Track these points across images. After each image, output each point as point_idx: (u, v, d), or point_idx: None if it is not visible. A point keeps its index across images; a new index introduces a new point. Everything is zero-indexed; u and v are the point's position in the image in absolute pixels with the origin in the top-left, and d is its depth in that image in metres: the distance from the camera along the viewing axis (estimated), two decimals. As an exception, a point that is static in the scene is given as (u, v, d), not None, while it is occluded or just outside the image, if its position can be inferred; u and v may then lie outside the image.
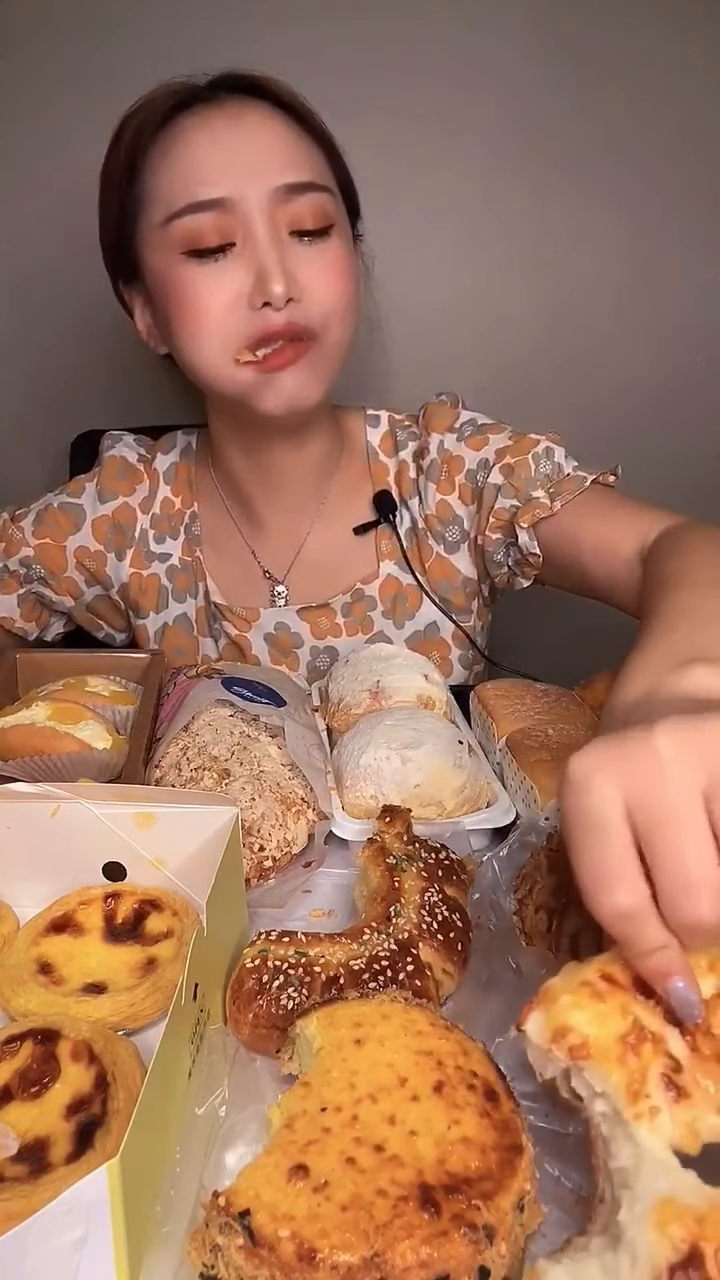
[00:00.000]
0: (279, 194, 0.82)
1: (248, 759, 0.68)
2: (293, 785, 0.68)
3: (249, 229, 0.82)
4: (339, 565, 1.03)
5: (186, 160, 0.82)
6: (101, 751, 0.70)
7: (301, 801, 0.67)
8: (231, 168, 0.81)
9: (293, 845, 0.65)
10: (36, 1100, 0.45)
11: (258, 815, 0.65)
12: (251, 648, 1.03)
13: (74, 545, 1.03)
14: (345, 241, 0.88)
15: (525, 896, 0.58)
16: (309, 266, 0.84)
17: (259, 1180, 0.36)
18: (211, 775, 0.67)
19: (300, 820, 0.66)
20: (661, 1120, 0.38)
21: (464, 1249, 0.34)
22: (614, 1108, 0.39)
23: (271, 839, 0.64)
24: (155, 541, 1.05)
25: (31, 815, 0.57)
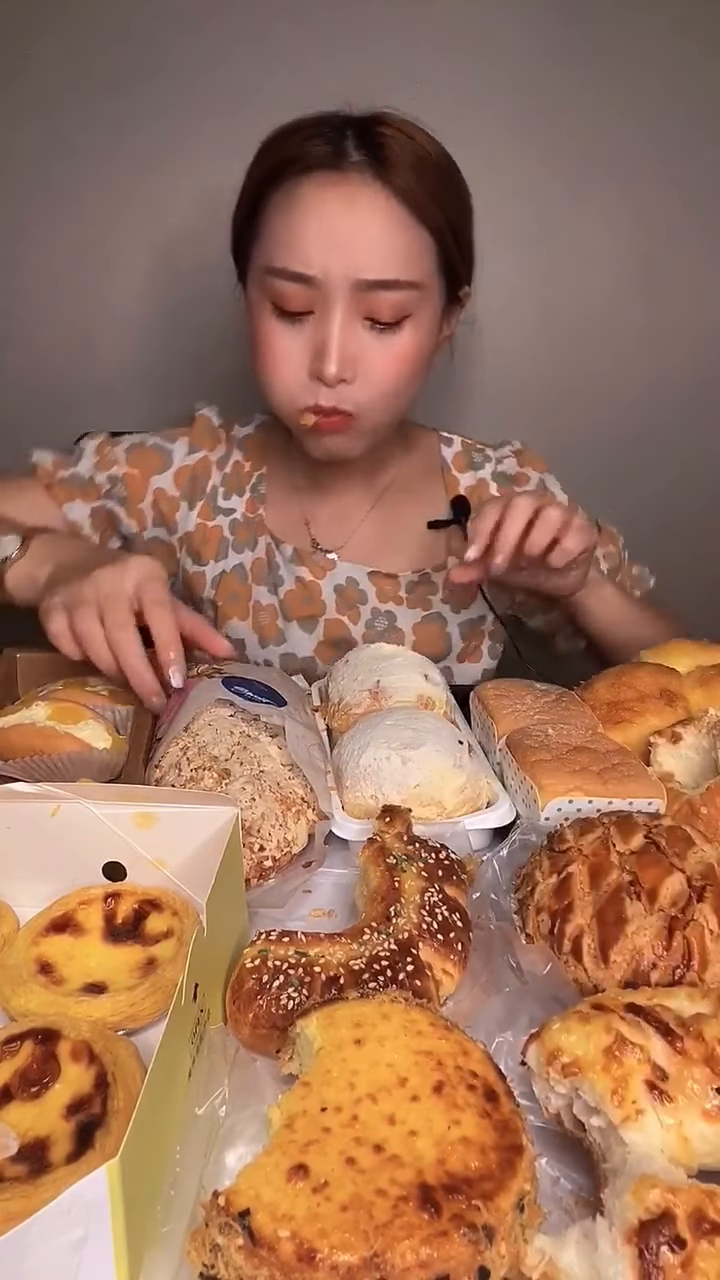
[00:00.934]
0: (362, 285, 0.88)
1: (248, 759, 0.68)
2: (293, 785, 0.67)
3: (327, 305, 0.89)
4: (405, 541, 1.13)
5: (296, 229, 0.88)
6: (101, 751, 0.70)
7: (301, 801, 0.67)
8: (328, 250, 0.87)
9: (293, 845, 0.65)
10: (36, 1100, 0.45)
11: (258, 815, 0.64)
12: (321, 594, 1.11)
13: (155, 484, 1.10)
14: (418, 333, 0.93)
15: (525, 897, 0.58)
16: (372, 353, 0.91)
17: (259, 1180, 0.36)
18: (211, 775, 0.67)
19: (300, 820, 0.66)
20: (647, 1121, 0.40)
21: (464, 1249, 0.34)
22: (606, 1117, 0.40)
23: (271, 839, 0.64)
24: (223, 498, 1.12)
25: (31, 815, 0.56)
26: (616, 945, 0.52)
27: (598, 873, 0.55)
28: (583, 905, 0.54)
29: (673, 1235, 0.34)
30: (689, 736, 0.74)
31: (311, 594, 1.10)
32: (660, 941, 0.51)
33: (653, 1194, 0.36)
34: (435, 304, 0.95)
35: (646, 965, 0.51)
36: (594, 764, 0.69)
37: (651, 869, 0.54)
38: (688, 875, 0.54)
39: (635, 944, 0.52)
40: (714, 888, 0.53)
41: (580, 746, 0.72)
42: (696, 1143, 0.40)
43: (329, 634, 1.11)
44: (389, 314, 0.90)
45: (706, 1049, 0.42)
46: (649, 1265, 0.34)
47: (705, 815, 0.65)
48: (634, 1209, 0.35)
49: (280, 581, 1.11)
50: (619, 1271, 0.34)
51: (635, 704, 0.80)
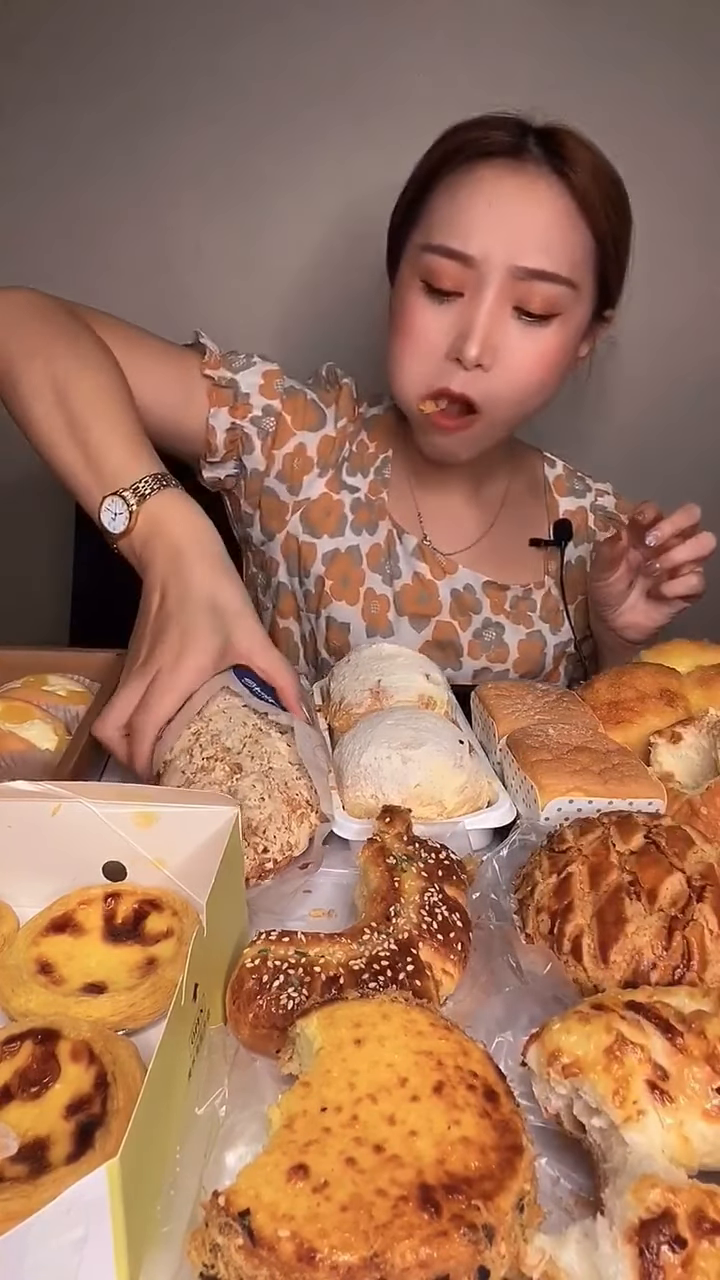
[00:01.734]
0: (519, 271, 0.88)
1: (259, 754, 0.67)
2: (299, 786, 0.67)
3: (479, 288, 0.89)
4: (518, 556, 1.14)
5: (464, 207, 0.89)
6: (44, 752, 0.72)
7: (306, 804, 0.66)
8: (494, 231, 0.87)
9: (294, 848, 0.65)
10: (36, 1100, 0.45)
11: (265, 816, 0.64)
12: (438, 594, 1.10)
13: (301, 439, 1.07)
14: (565, 334, 0.93)
15: (525, 897, 0.58)
16: (514, 345, 0.90)
17: (259, 1180, 0.36)
18: (224, 768, 0.66)
19: (304, 824, 0.66)
20: (648, 1122, 0.40)
21: (464, 1249, 0.34)
22: (607, 1118, 0.40)
23: (276, 841, 0.63)
24: (348, 473, 1.11)
25: (31, 815, 0.56)
26: (616, 945, 0.52)
27: (598, 873, 0.55)
28: (583, 905, 0.54)
29: (673, 1235, 0.34)
30: (689, 736, 0.74)
31: (429, 592, 1.10)
32: (660, 941, 0.51)
33: (653, 1193, 0.36)
34: (585, 311, 0.95)
35: (646, 965, 0.51)
36: (594, 764, 0.69)
37: (651, 869, 0.54)
38: (688, 875, 0.54)
39: (635, 944, 0.52)
40: (714, 888, 0.53)
41: (580, 746, 0.72)
42: (697, 1142, 0.40)
43: (439, 635, 1.10)
44: (539, 307, 0.89)
45: (707, 1047, 0.42)
46: (649, 1264, 0.34)
47: (705, 815, 0.65)
48: (634, 1208, 0.35)
49: (398, 574, 1.09)
50: (619, 1271, 0.34)
51: (635, 704, 0.80)
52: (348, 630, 1.09)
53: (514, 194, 0.88)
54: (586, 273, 0.92)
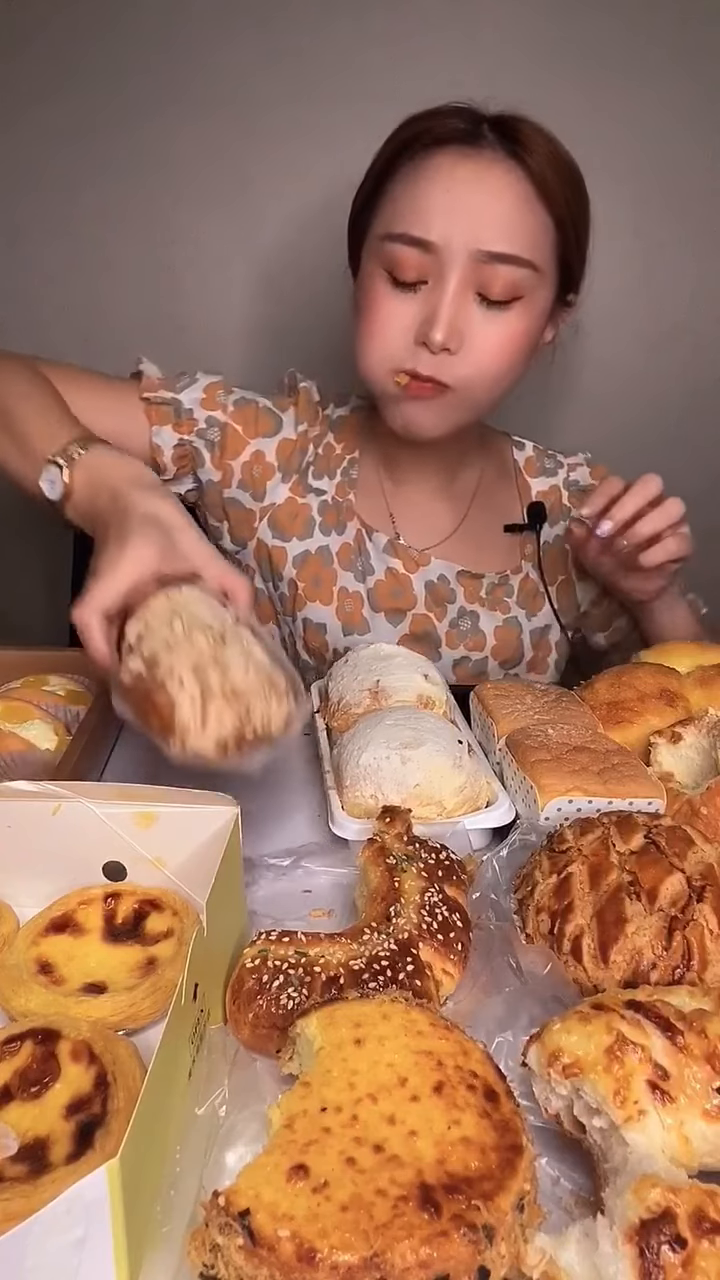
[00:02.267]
0: (480, 255, 0.88)
1: (238, 638, 0.64)
2: (278, 675, 0.64)
3: (441, 274, 0.89)
4: (492, 545, 1.13)
5: (422, 194, 0.89)
6: (44, 751, 0.71)
7: (285, 690, 0.64)
8: (450, 216, 0.88)
9: (270, 725, 0.62)
10: (36, 1100, 0.45)
11: (248, 685, 0.61)
12: (412, 587, 1.10)
13: (257, 446, 1.07)
14: (528, 318, 0.93)
15: (525, 897, 0.58)
16: (479, 330, 0.91)
17: (259, 1180, 0.36)
18: (206, 638, 0.62)
19: (282, 705, 0.63)
20: (649, 1122, 0.40)
21: (464, 1249, 0.34)
22: (608, 1118, 0.40)
23: (256, 710, 0.61)
24: (314, 477, 1.11)
25: (31, 815, 0.56)
26: (616, 945, 0.52)
27: (598, 873, 0.55)
28: (583, 905, 0.54)
29: (673, 1234, 0.34)
30: (689, 736, 0.74)
31: (403, 586, 1.10)
32: (660, 941, 0.51)
33: (653, 1193, 0.36)
34: (547, 294, 0.95)
35: (646, 965, 0.51)
36: (594, 764, 0.69)
37: (651, 869, 0.54)
38: (688, 875, 0.54)
39: (635, 944, 0.52)
40: (714, 888, 0.53)
41: (580, 746, 0.72)
42: (697, 1142, 0.40)
43: (415, 628, 1.10)
44: (502, 291, 0.90)
45: (708, 1046, 0.42)
46: (649, 1264, 0.34)
47: (705, 815, 0.65)
48: (635, 1208, 0.35)
49: (370, 570, 1.10)
50: (620, 1270, 0.34)
51: (635, 704, 0.80)
52: (324, 630, 1.10)
53: (470, 179, 0.88)
54: (547, 255, 0.93)
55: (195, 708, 0.58)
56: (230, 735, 0.59)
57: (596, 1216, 0.37)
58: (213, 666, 0.60)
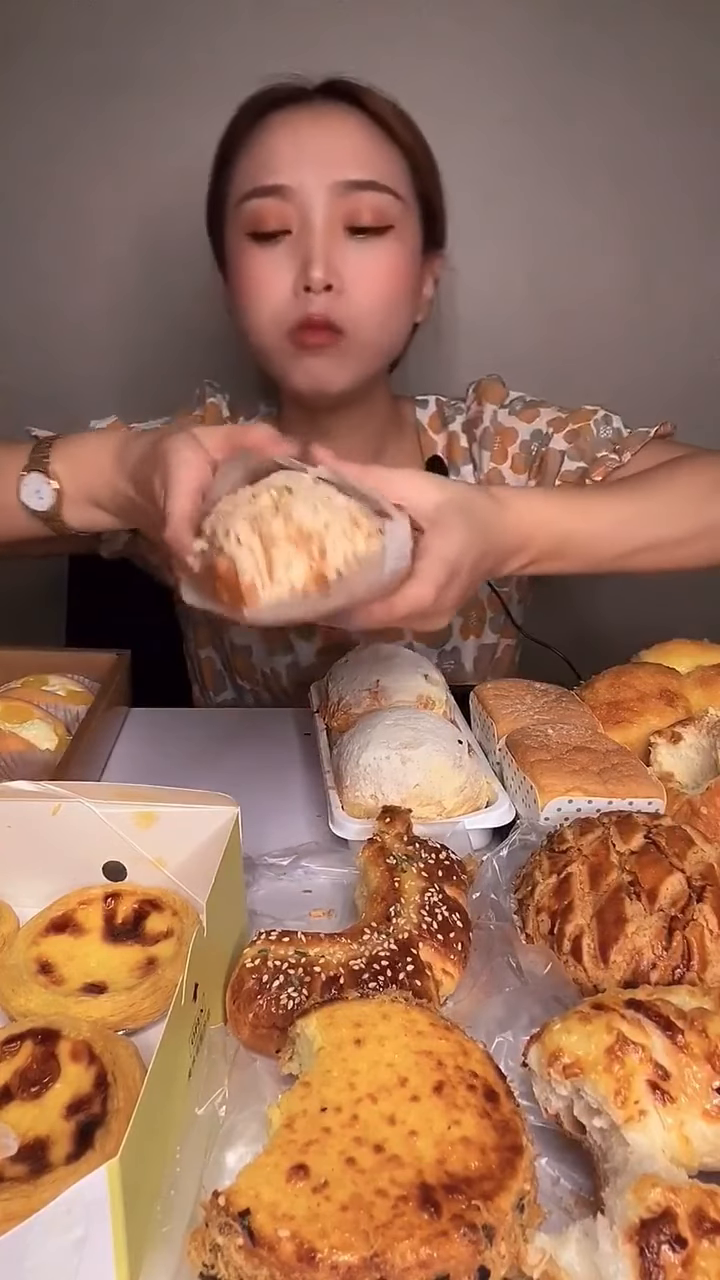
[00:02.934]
0: (339, 188, 0.85)
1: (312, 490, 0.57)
2: (365, 518, 0.57)
3: (305, 218, 0.86)
4: None
5: (263, 149, 0.88)
6: (44, 751, 0.71)
7: (369, 525, 0.56)
8: (298, 158, 0.86)
9: (361, 560, 0.55)
10: (36, 1100, 0.45)
11: (320, 524, 0.54)
12: None
13: None
14: (403, 248, 0.90)
15: (525, 897, 0.58)
16: (356, 262, 0.87)
17: (259, 1180, 0.36)
18: (270, 494, 0.56)
19: (371, 539, 0.56)
20: (650, 1122, 0.40)
21: (464, 1249, 0.34)
22: (608, 1118, 0.40)
23: (337, 548, 0.54)
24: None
25: (31, 815, 0.56)
26: (616, 945, 0.52)
27: (598, 873, 0.55)
28: (583, 905, 0.54)
29: (673, 1234, 0.34)
30: (689, 736, 0.74)
31: None
32: (660, 941, 0.51)
33: (654, 1193, 0.36)
34: (415, 229, 0.92)
35: (646, 965, 0.51)
36: (594, 764, 0.69)
37: (651, 869, 0.54)
38: (688, 875, 0.54)
39: (635, 944, 0.52)
40: (714, 888, 0.53)
41: (580, 746, 0.72)
42: (697, 1142, 0.40)
43: (330, 640, 1.07)
44: (371, 218, 0.87)
45: (709, 1045, 0.42)
46: (649, 1264, 0.34)
47: (705, 815, 0.65)
48: (635, 1208, 0.35)
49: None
50: (620, 1270, 0.34)
51: (635, 704, 0.80)
52: (250, 654, 1.08)
53: (311, 125, 0.87)
54: (405, 186, 0.90)
55: (258, 559, 0.53)
56: (308, 579, 0.53)
57: (596, 1216, 0.37)
58: (273, 516, 0.54)
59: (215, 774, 0.80)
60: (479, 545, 0.65)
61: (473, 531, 0.64)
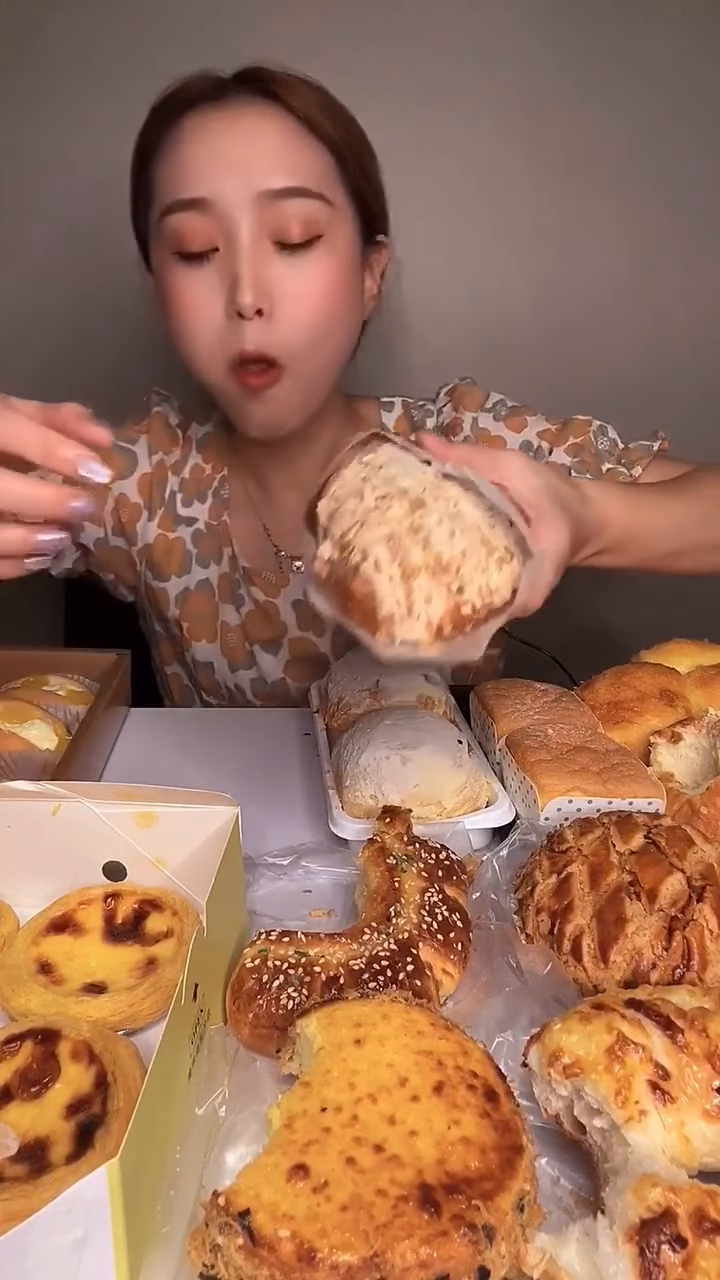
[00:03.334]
0: (261, 199, 0.80)
1: (441, 496, 0.55)
2: (495, 533, 0.55)
3: (230, 234, 0.80)
4: None
5: (178, 158, 0.82)
6: (44, 751, 0.71)
7: (505, 551, 0.54)
8: (215, 167, 0.80)
9: (494, 595, 0.53)
10: (36, 1100, 0.45)
11: (457, 552, 0.52)
12: (280, 613, 1.04)
13: (118, 489, 1.02)
14: (336, 257, 0.85)
15: (525, 897, 0.58)
16: (288, 281, 0.82)
17: (259, 1180, 0.36)
18: (401, 505, 0.53)
19: (504, 569, 0.54)
20: (650, 1122, 0.40)
21: (464, 1249, 0.34)
22: (609, 1118, 0.40)
23: (473, 582, 0.52)
24: (183, 505, 1.04)
25: (31, 815, 0.56)
26: (616, 945, 0.52)
27: (598, 873, 0.55)
28: (583, 905, 0.54)
29: (674, 1234, 0.34)
30: (689, 736, 0.74)
31: (269, 615, 1.04)
32: (660, 941, 0.51)
33: (654, 1193, 0.36)
34: (349, 233, 0.87)
35: (646, 965, 0.51)
36: (594, 764, 0.69)
37: (651, 869, 0.54)
38: (688, 875, 0.54)
39: (635, 944, 0.52)
40: (714, 888, 0.53)
41: (580, 746, 0.72)
42: (697, 1142, 0.40)
43: (297, 652, 1.05)
44: (298, 230, 0.81)
45: (709, 1045, 0.42)
46: (649, 1264, 0.34)
47: (705, 815, 0.65)
48: (635, 1207, 0.35)
49: (242, 601, 1.04)
50: (620, 1270, 0.34)
51: (635, 704, 0.80)
52: (212, 670, 1.06)
53: (224, 129, 0.81)
54: (334, 187, 0.84)
55: (397, 589, 0.51)
56: (444, 616, 0.51)
57: (597, 1216, 0.37)
58: (411, 537, 0.52)
59: (215, 774, 0.81)
60: (570, 537, 0.63)
61: (568, 524, 0.62)
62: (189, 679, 1.11)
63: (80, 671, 0.88)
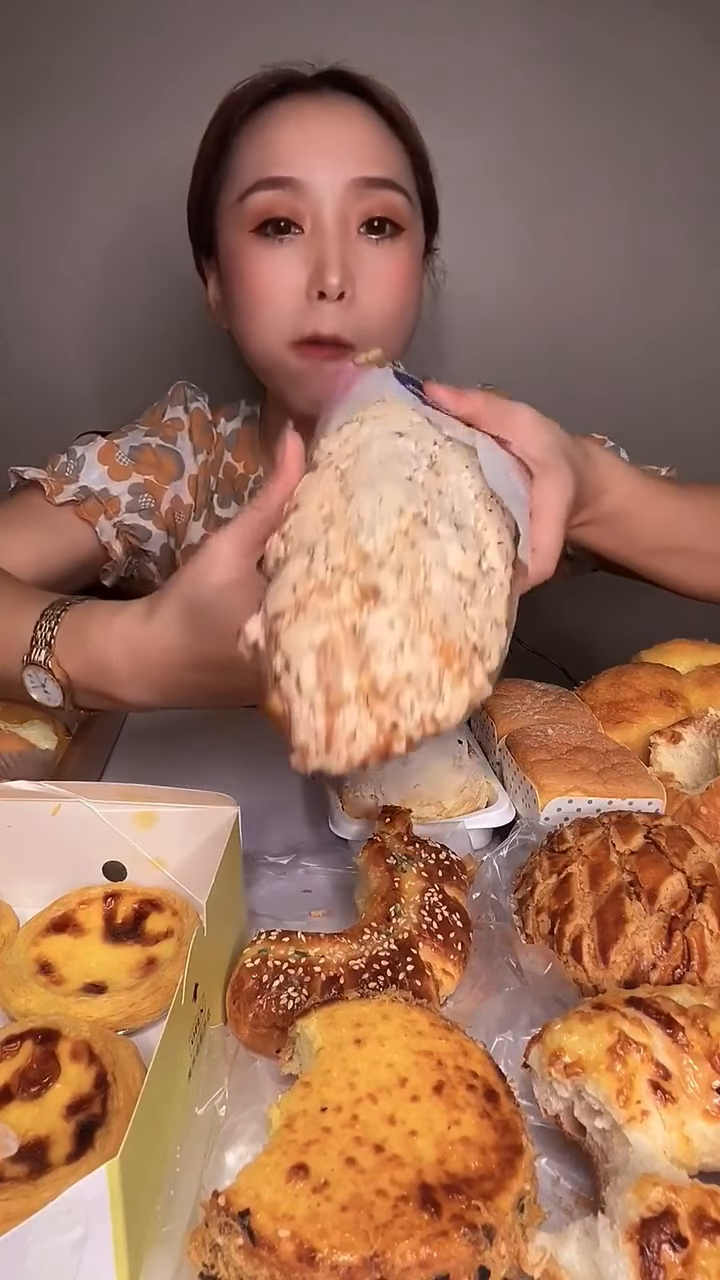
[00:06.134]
0: (354, 186, 0.81)
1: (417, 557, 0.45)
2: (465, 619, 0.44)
3: (318, 216, 0.81)
4: None
5: (270, 140, 0.82)
6: (44, 752, 0.71)
7: (472, 652, 0.44)
8: (310, 151, 0.81)
9: (440, 722, 0.43)
10: (36, 1100, 0.45)
11: (402, 674, 0.42)
12: None
13: (172, 491, 1.00)
14: (414, 252, 0.87)
15: (525, 897, 0.58)
16: (371, 267, 0.83)
17: (259, 1180, 0.36)
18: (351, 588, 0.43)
19: (461, 685, 0.43)
20: (652, 1123, 0.40)
21: (464, 1249, 0.34)
22: (610, 1118, 0.40)
23: (414, 712, 0.42)
24: (220, 505, 1.03)
25: (31, 814, 0.56)
26: (616, 945, 0.52)
27: (598, 873, 0.55)
28: (583, 905, 0.54)
29: (674, 1233, 0.34)
30: (689, 736, 0.74)
31: None
32: (660, 941, 0.51)
33: (654, 1192, 0.36)
34: (420, 231, 0.89)
35: (646, 965, 0.51)
36: (594, 764, 0.69)
37: (651, 869, 0.54)
38: (688, 875, 0.54)
39: (635, 944, 0.52)
40: (714, 888, 0.53)
41: (580, 746, 0.72)
42: (698, 1142, 0.40)
43: None
44: (386, 219, 0.83)
45: (710, 1044, 0.42)
46: (650, 1263, 0.34)
47: (705, 815, 0.65)
48: (635, 1207, 0.35)
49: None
50: (620, 1269, 0.34)
51: (635, 704, 0.80)
52: None
53: (319, 114, 0.82)
54: (412, 186, 0.87)
55: (317, 720, 0.42)
56: (370, 753, 0.43)
57: (597, 1215, 0.37)
58: (349, 649, 0.42)
59: (215, 774, 0.80)
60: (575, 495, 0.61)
61: (573, 480, 0.60)
62: None
63: None
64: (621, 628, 1.24)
